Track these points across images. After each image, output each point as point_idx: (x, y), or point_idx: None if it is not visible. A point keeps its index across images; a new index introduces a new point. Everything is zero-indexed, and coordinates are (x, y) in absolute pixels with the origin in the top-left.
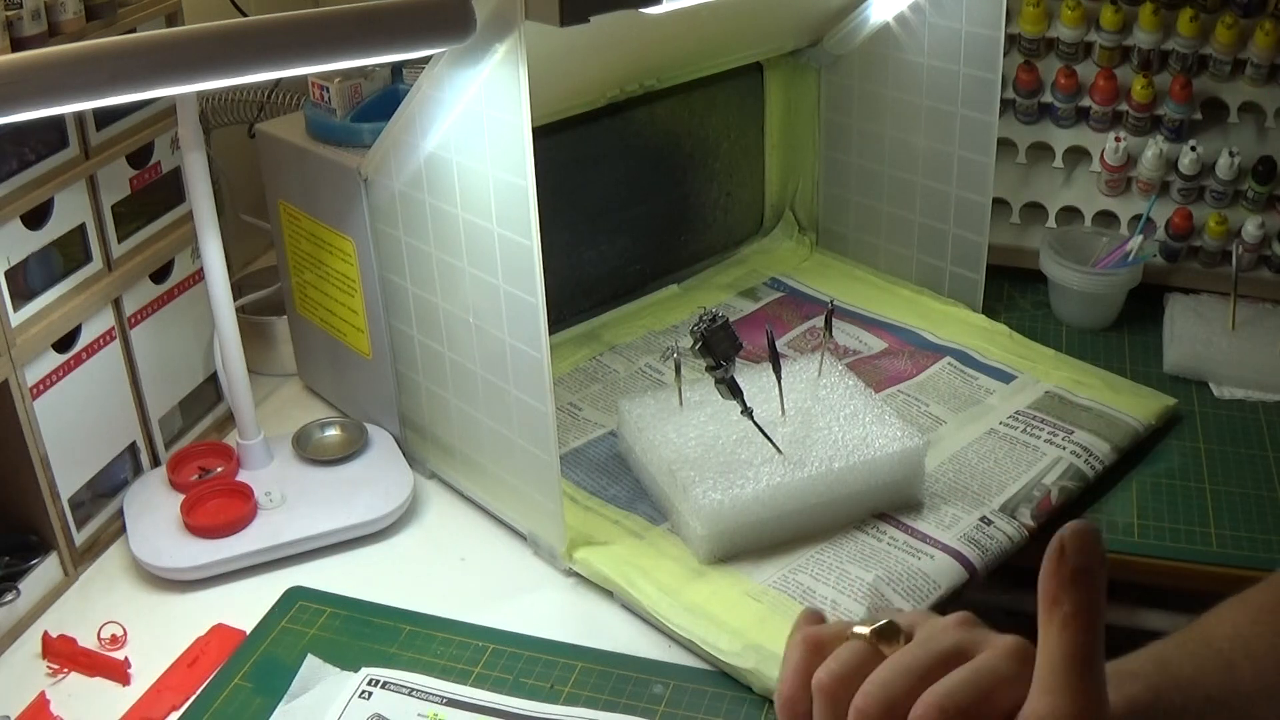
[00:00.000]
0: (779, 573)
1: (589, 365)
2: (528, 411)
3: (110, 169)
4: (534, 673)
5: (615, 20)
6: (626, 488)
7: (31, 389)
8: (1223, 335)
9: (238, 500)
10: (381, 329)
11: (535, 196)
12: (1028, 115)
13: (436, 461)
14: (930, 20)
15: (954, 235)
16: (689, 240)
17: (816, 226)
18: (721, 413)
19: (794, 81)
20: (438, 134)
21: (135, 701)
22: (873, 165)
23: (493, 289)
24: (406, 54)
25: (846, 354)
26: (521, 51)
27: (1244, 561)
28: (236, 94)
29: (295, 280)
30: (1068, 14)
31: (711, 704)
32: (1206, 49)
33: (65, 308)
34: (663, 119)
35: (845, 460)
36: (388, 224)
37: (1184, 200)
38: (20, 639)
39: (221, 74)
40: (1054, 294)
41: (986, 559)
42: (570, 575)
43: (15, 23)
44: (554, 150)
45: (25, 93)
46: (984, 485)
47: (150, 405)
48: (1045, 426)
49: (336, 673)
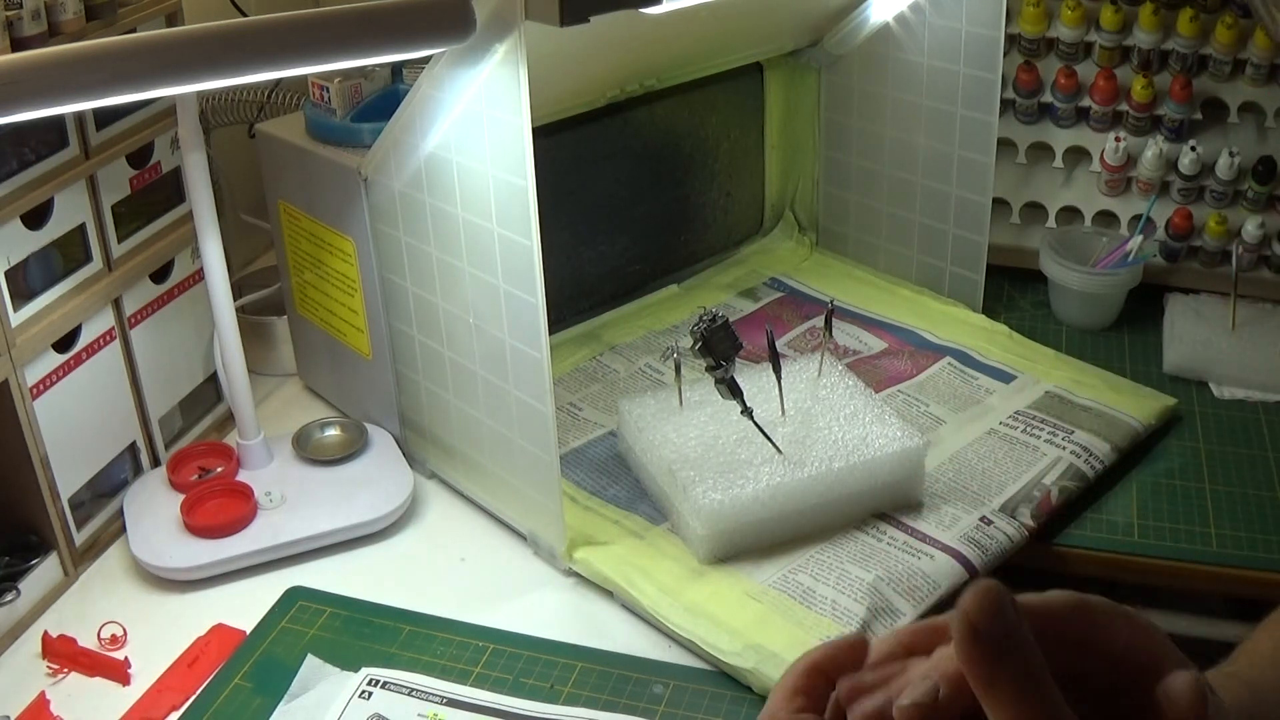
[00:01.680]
0: (779, 573)
1: (589, 365)
2: (528, 411)
3: (110, 169)
4: (534, 673)
5: (615, 20)
6: (626, 488)
7: (31, 389)
8: (1223, 335)
9: (238, 500)
10: (381, 329)
11: (535, 196)
12: (1028, 115)
13: (436, 461)
14: (930, 20)
15: (954, 235)
16: (689, 240)
17: (816, 226)
18: (721, 413)
19: (794, 81)
20: (438, 134)
21: (135, 701)
22: (873, 165)
23: (493, 289)
24: (406, 54)
25: (846, 354)
26: (521, 51)
27: (1244, 561)
28: (236, 94)
29: (295, 280)
30: (1068, 14)
31: (711, 704)
32: (1206, 49)
33: (65, 308)
34: (663, 119)
35: (845, 460)
36: (388, 224)
37: (1184, 200)
38: (20, 639)
39: (221, 74)
40: (1054, 294)
41: (986, 559)
42: (570, 575)
43: (15, 23)
44: (554, 150)
45: (25, 93)
46: (984, 485)
47: (150, 405)
48: (1045, 426)
49: (336, 673)
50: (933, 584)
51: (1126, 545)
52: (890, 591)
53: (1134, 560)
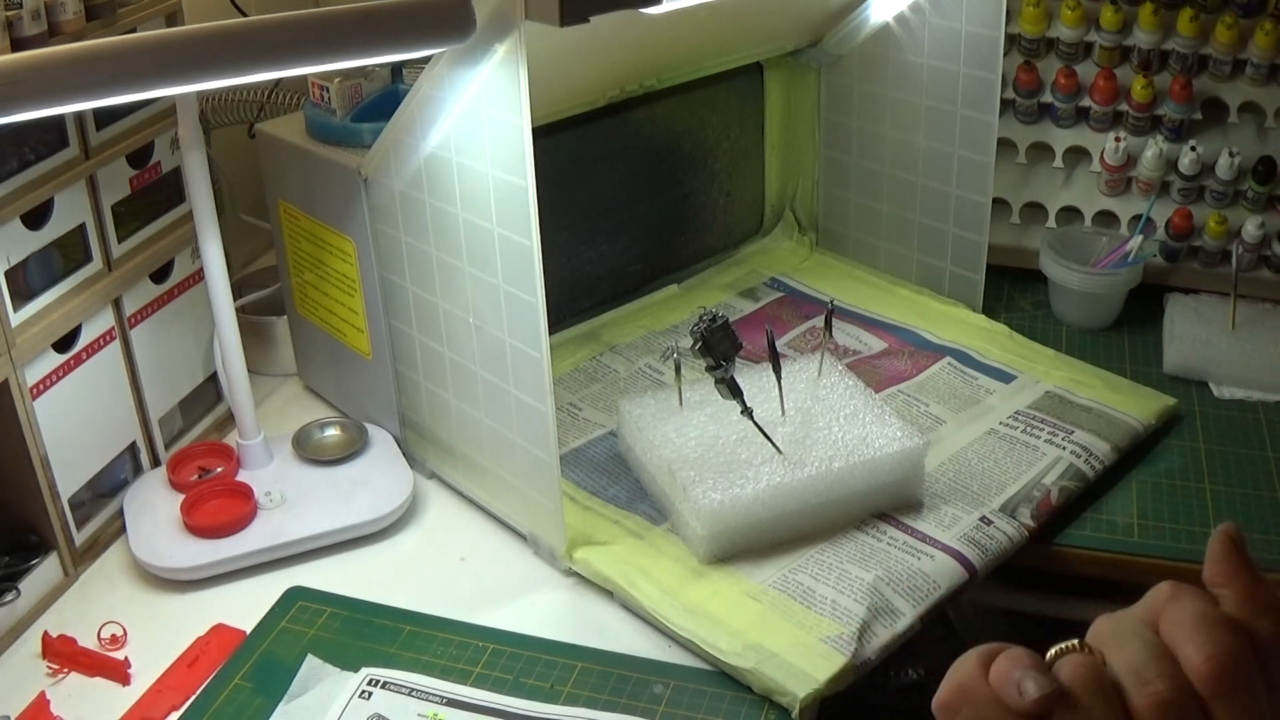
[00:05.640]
0: (779, 573)
1: (589, 365)
2: (528, 411)
3: (110, 169)
4: (534, 673)
5: (615, 20)
6: (626, 488)
7: (31, 389)
8: (1223, 335)
9: (238, 500)
10: (381, 329)
11: (535, 196)
12: (1028, 115)
13: (436, 461)
14: (930, 20)
15: (954, 235)
16: (689, 240)
17: (816, 226)
18: (721, 413)
19: (794, 81)
20: (438, 134)
21: (135, 701)
22: (873, 165)
23: (493, 289)
24: (406, 54)
25: (846, 354)
26: (521, 51)
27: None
28: (236, 94)
29: (295, 280)
30: (1068, 14)
31: (711, 704)
32: (1206, 49)
33: (65, 308)
34: (663, 119)
35: (845, 460)
36: (388, 224)
37: (1184, 200)
38: (20, 639)
39: (221, 74)
40: (1054, 294)
41: (986, 559)
42: (570, 575)
43: (15, 23)
44: (554, 150)
45: (25, 93)
46: (984, 485)
47: (150, 405)
48: (1045, 426)
49: (336, 673)
50: (933, 584)
51: (1126, 545)
52: (890, 591)
53: (1134, 560)
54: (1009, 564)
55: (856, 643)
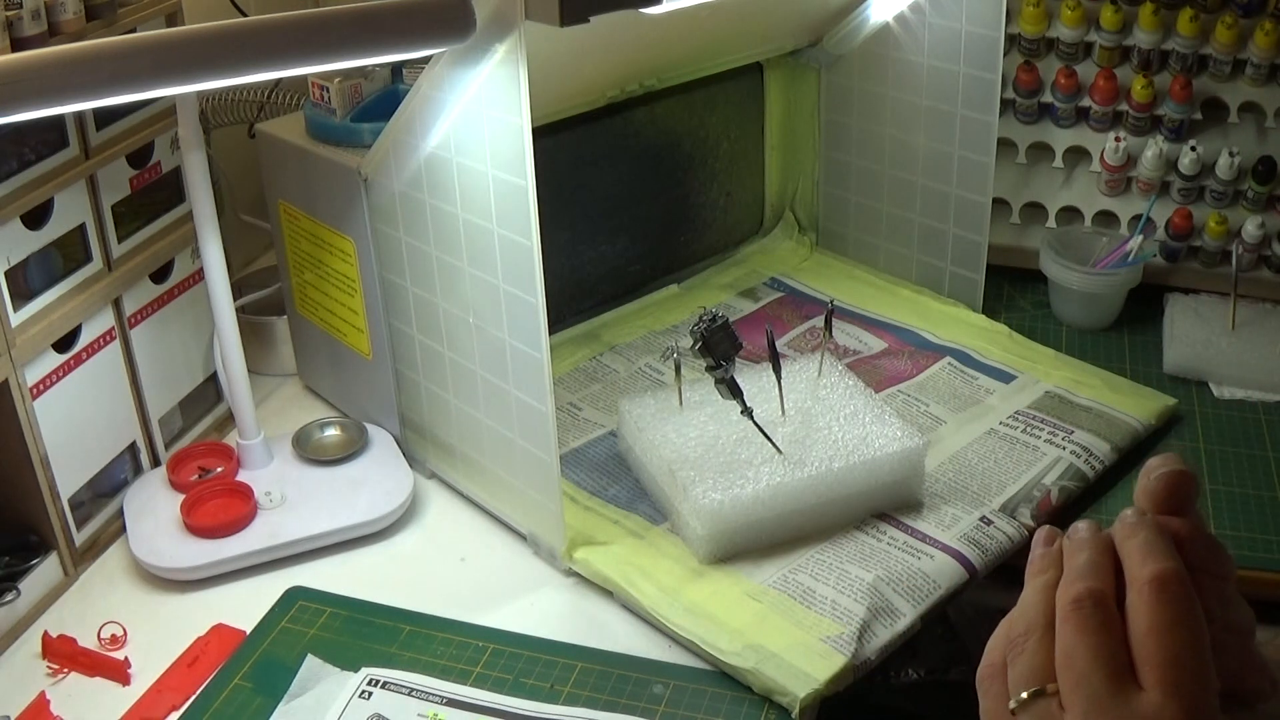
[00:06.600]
0: (779, 573)
1: (589, 365)
2: (528, 411)
3: (110, 169)
4: (534, 673)
5: (615, 20)
6: (626, 488)
7: (31, 389)
8: (1223, 335)
9: (238, 500)
10: (381, 329)
11: (535, 196)
12: (1028, 115)
13: (436, 461)
14: (930, 20)
15: (954, 235)
16: (689, 240)
17: (816, 226)
18: (721, 413)
19: (794, 81)
20: (438, 134)
21: (135, 701)
22: (873, 165)
23: (493, 289)
24: (406, 54)
25: (846, 354)
26: (521, 51)
27: (1244, 561)
28: (236, 94)
29: (295, 280)
30: (1068, 14)
31: (711, 704)
32: (1206, 49)
33: (65, 308)
34: (663, 119)
35: (845, 460)
36: (388, 224)
37: (1184, 200)
38: (20, 639)
39: (221, 74)
40: (1054, 294)
41: (986, 559)
42: (570, 575)
43: (15, 23)
44: (554, 150)
45: (25, 93)
46: (984, 485)
47: (150, 405)
48: (1045, 426)
49: (336, 673)
50: (933, 584)
51: None
52: (890, 591)
53: None
54: (1009, 564)
55: (856, 643)
